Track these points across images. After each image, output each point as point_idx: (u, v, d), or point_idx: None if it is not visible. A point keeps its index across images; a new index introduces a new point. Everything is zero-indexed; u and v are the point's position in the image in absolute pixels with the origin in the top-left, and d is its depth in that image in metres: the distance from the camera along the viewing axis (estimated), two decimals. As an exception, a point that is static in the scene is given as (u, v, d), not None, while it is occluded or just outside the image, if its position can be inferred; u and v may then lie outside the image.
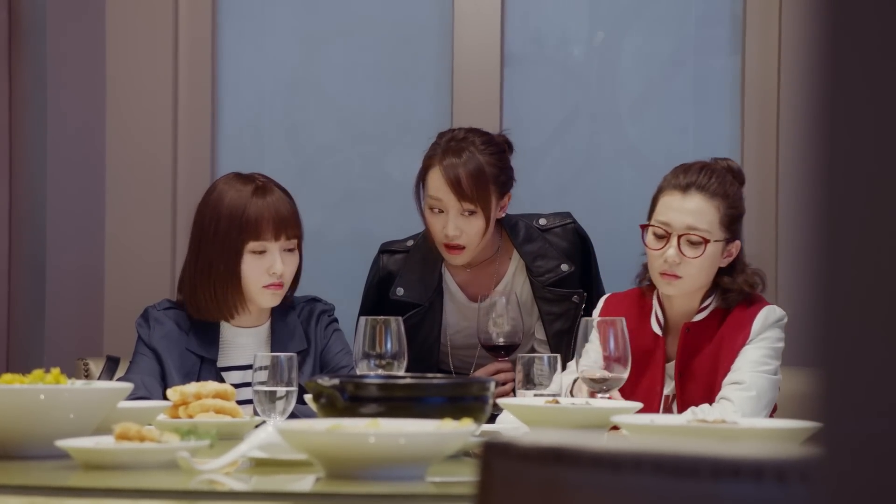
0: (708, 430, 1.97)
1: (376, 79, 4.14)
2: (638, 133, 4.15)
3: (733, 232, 2.98)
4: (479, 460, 1.17)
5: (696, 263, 2.91)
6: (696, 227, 2.91)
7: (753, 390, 2.85)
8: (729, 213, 2.95)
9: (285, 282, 3.04)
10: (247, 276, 3.02)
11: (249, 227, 3.02)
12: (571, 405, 2.46)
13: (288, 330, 3.10)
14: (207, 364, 3.04)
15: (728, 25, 4.14)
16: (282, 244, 3.03)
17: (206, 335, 3.07)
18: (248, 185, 3.06)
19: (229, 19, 4.13)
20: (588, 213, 3.66)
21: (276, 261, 3.01)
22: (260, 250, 3.02)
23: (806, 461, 1.12)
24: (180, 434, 1.94)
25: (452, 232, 3.24)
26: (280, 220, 3.03)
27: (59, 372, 2.05)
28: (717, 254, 2.94)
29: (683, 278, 2.92)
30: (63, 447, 1.92)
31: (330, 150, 4.14)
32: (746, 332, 2.94)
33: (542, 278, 3.37)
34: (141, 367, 3.02)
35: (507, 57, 4.11)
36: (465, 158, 3.25)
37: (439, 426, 1.87)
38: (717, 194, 2.94)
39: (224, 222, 3.04)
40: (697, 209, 2.92)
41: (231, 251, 3.03)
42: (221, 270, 3.03)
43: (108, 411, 2.07)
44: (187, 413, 2.40)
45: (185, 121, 4.07)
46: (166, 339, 3.05)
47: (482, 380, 2.13)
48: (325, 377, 2.09)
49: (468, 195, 3.23)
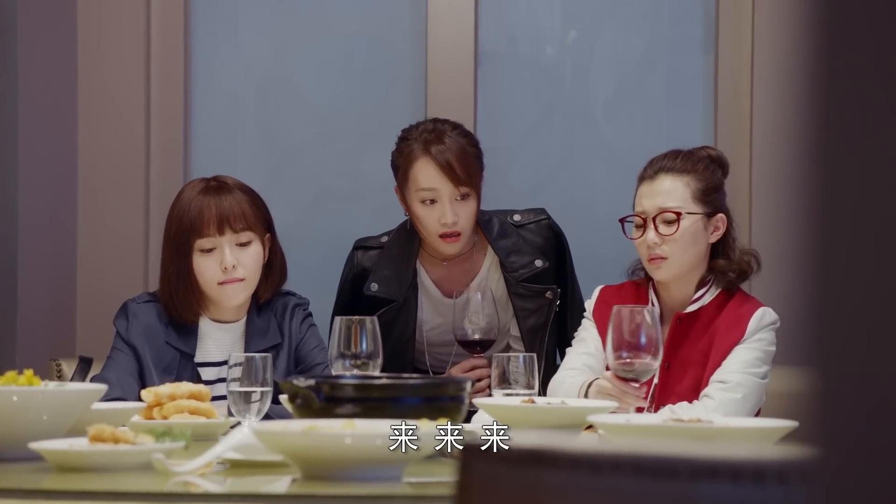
0: (683, 430, 1.97)
1: (350, 78, 4.13)
2: (612, 131, 4.16)
3: (712, 205, 2.99)
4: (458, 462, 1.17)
5: (677, 240, 2.94)
6: (666, 205, 2.95)
7: (740, 392, 2.85)
8: (700, 187, 2.97)
9: (247, 276, 3.04)
10: (201, 275, 3.04)
11: (194, 226, 3.04)
12: (547, 405, 2.45)
13: (262, 325, 3.10)
14: (186, 358, 3.05)
15: (701, 24, 4.15)
16: (230, 238, 3.03)
17: (185, 329, 3.08)
18: (199, 186, 3.10)
19: (202, 19, 4.11)
20: (562, 210, 3.66)
21: (226, 255, 3.02)
22: (208, 248, 3.04)
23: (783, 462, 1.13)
24: (155, 436, 1.93)
25: (451, 219, 3.25)
26: (223, 215, 3.04)
27: (33, 374, 2.03)
28: (697, 229, 2.96)
29: (669, 258, 2.94)
30: (36, 449, 1.91)
31: (304, 148, 4.13)
32: (741, 329, 2.94)
33: (516, 274, 3.37)
34: (118, 363, 3.02)
35: (480, 55, 4.11)
36: (448, 144, 3.28)
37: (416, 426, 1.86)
38: (684, 171, 2.98)
39: (174, 225, 3.08)
40: (666, 189, 2.97)
41: (181, 253, 3.05)
42: (174, 273, 3.06)
43: (82, 413, 2.05)
44: (162, 414, 2.39)
45: (158, 121, 4.05)
46: (145, 333, 3.05)
47: (458, 379, 2.13)
48: (301, 378, 2.09)
49: (462, 178, 3.25)
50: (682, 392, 2.95)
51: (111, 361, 3.04)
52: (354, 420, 1.90)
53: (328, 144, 4.13)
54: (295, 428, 1.85)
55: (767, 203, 4.06)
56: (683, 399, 2.92)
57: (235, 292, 3.05)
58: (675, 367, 2.97)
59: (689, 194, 2.96)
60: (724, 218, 2.99)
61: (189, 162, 4.08)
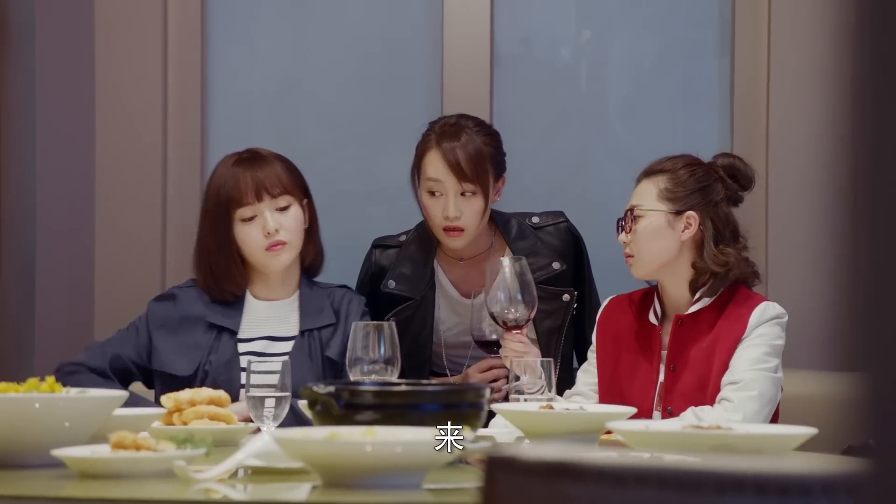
0: (702, 437, 1.97)
1: (365, 80, 4.14)
2: (627, 134, 4.16)
3: (681, 203, 3.01)
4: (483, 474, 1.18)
5: (638, 238, 3.00)
6: (632, 204, 3.05)
7: (754, 389, 2.86)
8: (668, 186, 3.01)
9: (289, 239, 3.10)
10: (245, 244, 3.11)
11: (232, 197, 3.11)
12: (565, 410, 2.46)
13: (317, 304, 3.16)
14: (226, 334, 3.07)
15: (717, 26, 4.14)
16: (269, 204, 3.09)
17: (230, 307, 3.13)
18: (232, 159, 3.18)
19: (218, 22, 4.12)
20: (578, 212, 3.66)
21: (267, 220, 3.09)
22: (249, 216, 3.11)
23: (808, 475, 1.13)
24: (176, 443, 1.94)
25: (453, 213, 3.27)
26: (259, 182, 3.12)
27: (55, 380, 2.05)
28: (658, 225, 3.00)
29: (635, 256, 3.02)
30: (59, 456, 1.92)
31: (319, 151, 4.14)
32: (742, 325, 2.96)
33: (534, 276, 3.39)
34: (122, 341, 3.12)
35: (496, 58, 4.12)
36: (462, 140, 3.30)
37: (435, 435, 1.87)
38: (661, 171, 3.05)
39: (212, 200, 3.15)
40: (640, 191, 3.06)
41: (221, 226, 3.12)
42: (216, 246, 3.12)
43: (104, 419, 2.06)
44: (181, 420, 2.39)
45: (175, 124, 4.06)
46: (169, 319, 3.13)
47: (477, 386, 2.13)
48: (321, 384, 2.09)
49: (468, 175, 3.27)
50: (688, 392, 2.96)
51: (128, 332, 3.15)
52: (375, 427, 1.90)
53: (344, 147, 4.13)
54: (316, 436, 1.86)
55: (785, 206, 4.06)
56: (689, 399, 2.94)
57: (280, 256, 3.11)
58: (680, 368, 2.99)
59: (655, 193, 3.03)
60: (694, 216, 3.01)
61: (206, 165, 4.08)
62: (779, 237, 4.04)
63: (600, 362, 3.11)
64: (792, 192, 4.06)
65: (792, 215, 4.05)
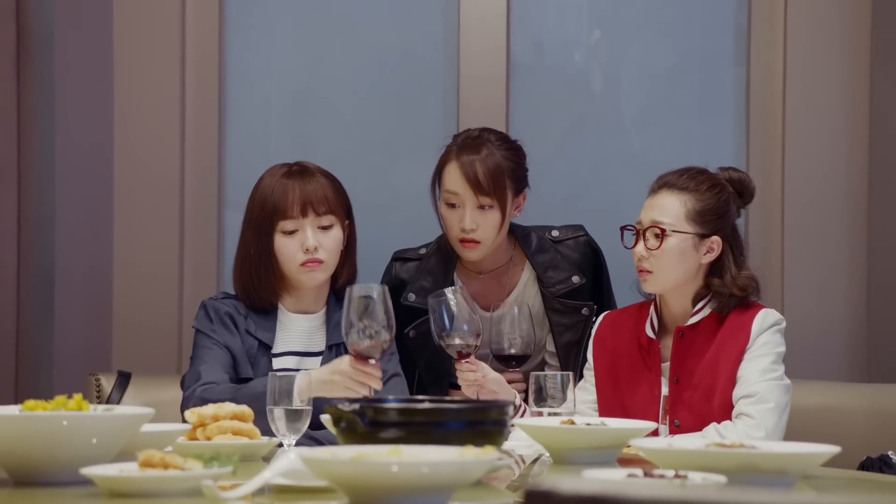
0: (727, 455, 1.98)
1: (382, 90, 4.15)
2: (643, 143, 4.16)
3: (708, 227, 3.02)
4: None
5: (663, 256, 2.99)
6: (658, 220, 3.01)
7: (770, 401, 2.89)
8: (696, 208, 3.01)
9: (326, 259, 3.11)
10: (283, 256, 3.11)
11: (277, 208, 3.13)
12: (586, 426, 2.46)
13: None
14: (263, 348, 3.09)
15: (732, 35, 4.15)
16: (312, 221, 3.11)
17: (264, 319, 3.15)
18: (282, 170, 3.18)
19: (236, 32, 4.13)
20: (594, 223, 3.67)
21: (308, 236, 3.11)
22: (291, 229, 3.13)
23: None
24: (203, 461, 1.95)
25: (469, 225, 3.28)
26: (306, 198, 3.13)
27: (81, 398, 2.06)
28: (685, 247, 2.99)
29: (654, 272, 3.01)
30: (87, 475, 1.93)
31: (336, 160, 4.13)
32: (745, 335, 2.98)
33: (553, 289, 3.40)
34: (211, 356, 3.08)
35: (512, 67, 4.12)
36: (482, 154, 3.32)
37: (461, 454, 1.87)
38: (685, 189, 3.02)
39: (257, 208, 3.16)
40: (662, 204, 3.03)
41: (263, 234, 3.13)
42: (256, 254, 3.14)
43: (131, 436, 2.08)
44: (205, 435, 2.41)
45: (193, 133, 4.07)
46: (226, 328, 3.12)
47: (500, 403, 2.14)
48: (346, 402, 2.10)
49: (485, 189, 3.28)
50: (694, 404, 2.97)
51: (204, 354, 3.09)
52: (401, 446, 1.91)
53: (361, 156, 4.15)
54: (343, 455, 1.87)
55: (801, 216, 4.06)
56: (695, 411, 2.95)
57: (315, 274, 3.13)
58: (684, 380, 3.00)
59: (683, 213, 3.01)
60: (718, 241, 3.03)
61: (223, 175, 4.10)
62: (794, 248, 4.04)
63: (599, 379, 3.12)
64: (807, 200, 4.06)
65: (807, 224, 4.05)
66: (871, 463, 3.16)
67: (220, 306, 3.15)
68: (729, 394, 2.95)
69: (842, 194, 4.04)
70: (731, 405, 2.94)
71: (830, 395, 3.51)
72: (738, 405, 2.92)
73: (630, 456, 2.45)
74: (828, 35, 4.04)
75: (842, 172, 4.04)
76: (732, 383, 2.96)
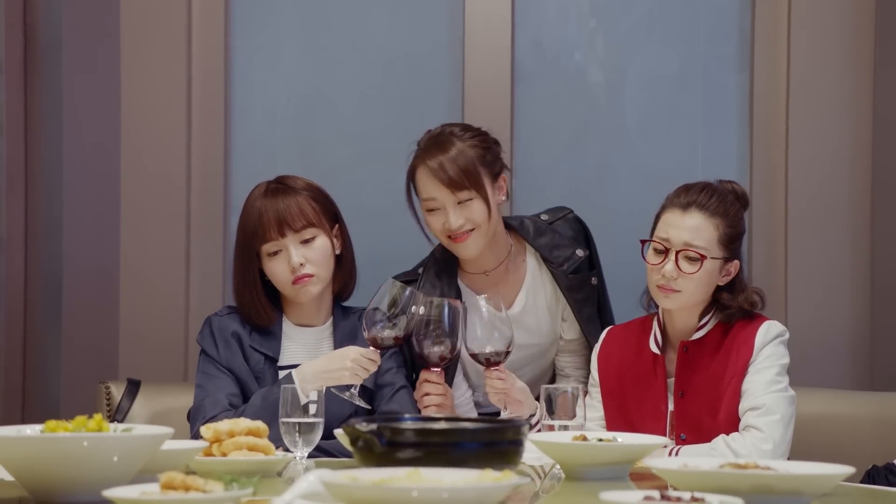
0: (742, 477, 2.00)
1: (388, 96, 4.16)
2: (647, 149, 4.18)
3: (732, 251, 3.04)
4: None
5: (694, 279, 2.99)
6: (694, 243, 2.99)
7: (777, 413, 2.91)
8: (727, 233, 3.02)
9: (316, 271, 3.12)
10: (274, 277, 3.14)
11: (256, 233, 3.14)
12: (598, 441, 2.48)
13: (350, 329, 3.17)
14: (270, 362, 3.11)
15: (736, 42, 4.16)
16: (292, 238, 3.11)
17: (267, 334, 3.16)
18: (261, 189, 3.19)
19: (242, 38, 4.14)
20: (598, 227, 3.68)
21: (291, 255, 3.12)
22: (274, 251, 3.15)
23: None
24: (224, 482, 1.97)
25: (455, 224, 3.26)
26: (281, 217, 3.13)
27: (101, 418, 2.08)
28: (714, 271, 3.01)
29: (681, 292, 3.00)
30: (109, 497, 1.95)
31: (341, 166, 4.16)
32: (749, 348, 3.00)
33: (564, 267, 3.41)
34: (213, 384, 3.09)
35: (517, 73, 4.14)
36: (450, 151, 3.28)
37: (480, 478, 1.89)
38: (717, 213, 3.01)
39: (240, 234, 3.18)
40: (696, 226, 3.01)
41: (248, 258, 3.15)
42: (241, 280, 3.16)
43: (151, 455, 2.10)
44: (221, 451, 2.42)
45: (199, 139, 4.08)
46: (229, 348, 3.11)
47: (517, 424, 2.16)
48: (363, 422, 2.12)
49: (461, 184, 3.25)
50: (700, 417, 2.99)
51: (207, 384, 3.09)
52: (420, 469, 1.93)
53: (366, 162, 4.16)
54: (363, 481, 1.88)
55: (805, 222, 4.08)
56: (701, 425, 2.97)
57: (308, 288, 3.14)
58: (690, 394, 3.02)
59: (715, 238, 3.01)
60: (737, 265, 3.06)
61: (229, 180, 4.11)
62: (798, 255, 4.06)
63: (606, 395, 3.12)
64: (811, 207, 4.08)
65: (811, 231, 4.07)
66: (876, 472, 3.18)
67: (225, 325, 3.16)
68: (734, 407, 2.97)
69: (845, 201, 4.05)
70: (737, 418, 2.97)
71: (835, 403, 3.53)
72: (744, 418, 2.94)
73: (642, 471, 2.47)
74: (831, 41, 4.06)
75: (845, 179, 4.06)
76: (737, 396, 2.98)
